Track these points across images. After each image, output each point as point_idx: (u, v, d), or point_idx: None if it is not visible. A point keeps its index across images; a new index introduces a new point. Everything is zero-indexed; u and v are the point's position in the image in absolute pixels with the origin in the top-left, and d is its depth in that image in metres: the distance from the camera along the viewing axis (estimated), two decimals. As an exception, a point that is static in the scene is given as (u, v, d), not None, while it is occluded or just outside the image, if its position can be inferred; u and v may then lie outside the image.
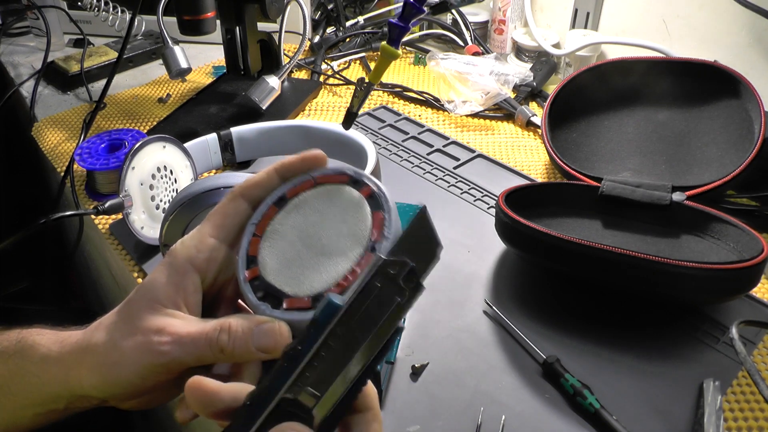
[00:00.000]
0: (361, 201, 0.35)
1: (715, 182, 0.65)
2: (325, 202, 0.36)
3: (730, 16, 0.85)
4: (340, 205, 0.36)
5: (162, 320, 0.33)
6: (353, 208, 0.36)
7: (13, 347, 0.37)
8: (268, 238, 0.36)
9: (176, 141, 0.66)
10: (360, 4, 1.20)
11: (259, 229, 0.37)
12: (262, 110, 0.85)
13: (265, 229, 0.37)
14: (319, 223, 0.36)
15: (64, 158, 0.82)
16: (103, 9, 0.97)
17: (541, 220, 0.63)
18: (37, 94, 0.98)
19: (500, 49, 1.09)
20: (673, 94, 0.74)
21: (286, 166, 0.38)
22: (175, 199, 0.55)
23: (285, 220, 0.37)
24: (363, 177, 0.36)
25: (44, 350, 0.36)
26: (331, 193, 0.37)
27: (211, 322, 0.33)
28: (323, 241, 0.35)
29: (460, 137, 0.86)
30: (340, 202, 0.36)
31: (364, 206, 0.35)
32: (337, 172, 0.37)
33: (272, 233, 0.36)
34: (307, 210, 0.37)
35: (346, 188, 0.36)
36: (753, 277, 0.52)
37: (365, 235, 0.34)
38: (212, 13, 0.79)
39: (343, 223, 0.35)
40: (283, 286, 0.34)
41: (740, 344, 0.45)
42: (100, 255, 0.79)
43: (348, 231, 0.35)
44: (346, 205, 0.36)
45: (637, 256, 0.51)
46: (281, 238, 0.36)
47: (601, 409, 0.47)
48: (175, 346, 0.33)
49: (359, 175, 0.37)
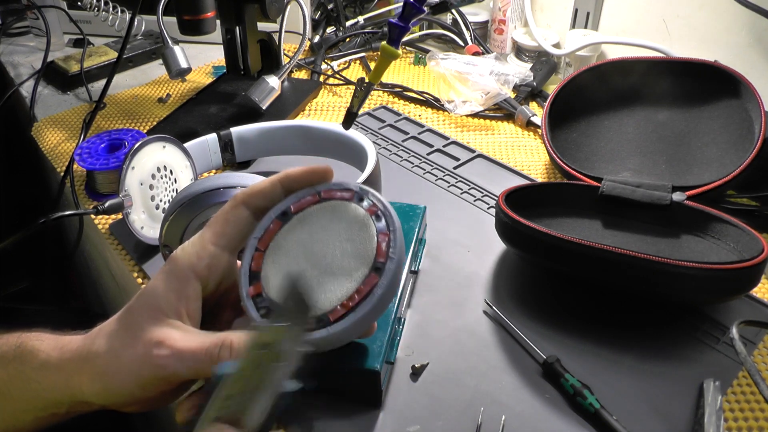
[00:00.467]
0: (367, 219, 0.35)
1: (715, 182, 0.65)
2: (330, 219, 0.36)
3: (730, 16, 0.85)
4: (346, 223, 0.35)
5: (162, 332, 0.33)
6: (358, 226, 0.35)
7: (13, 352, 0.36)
8: (271, 254, 0.36)
9: (176, 141, 0.66)
10: (360, 4, 1.20)
11: (263, 243, 0.36)
12: (262, 110, 0.85)
13: (268, 244, 0.36)
14: (324, 241, 0.35)
15: (64, 158, 0.82)
16: (103, 9, 0.97)
17: (541, 220, 0.63)
18: (37, 94, 0.98)
19: (500, 49, 1.09)
20: (673, 94, 0.74)
21: (291, 178, 0.38)
22: (175, 199, 0.55)
23: (289, 235, 0.36)
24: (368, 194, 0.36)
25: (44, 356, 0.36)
26: (336, 210, 0.36)
27: (212, 337, 0.33)
28: (327, 260, 0.35)
29: (460, 137, 0.86)
30: (346, 220, 0.36)
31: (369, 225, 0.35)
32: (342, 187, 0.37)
33: (276, 249, 0.36)
34: (312, 226, 0.36)
35: (351, 205, 0.36)
36: (753, 277, 0.52)
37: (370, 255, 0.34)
38: (212, 13, 0.79)
39: (348, 242, 0.35)
40: None
41: (740, 344, 0.45)
42: (100, 255, 0.79)
43: (353, 250, 0.35)
44: (351, 222, 0.35)
45: (637, 256, 0.51)
46: (285, 254, 0.36)
47: (601, 409, 0.47)
48: (175, 360, 0.33)
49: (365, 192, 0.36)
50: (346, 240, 0.35)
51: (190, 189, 0.55)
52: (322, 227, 0.36)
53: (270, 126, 0.75)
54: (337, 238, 0.35)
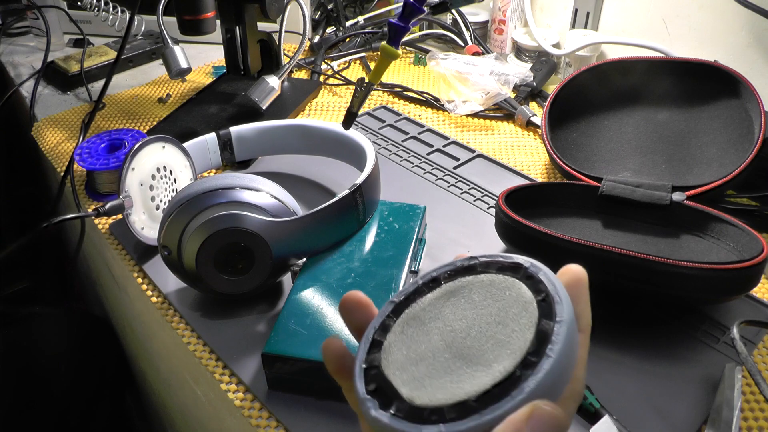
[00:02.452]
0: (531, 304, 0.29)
1: (715, 182, 0.65)
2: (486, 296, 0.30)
3: (730, 16, 0.85)
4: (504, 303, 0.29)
5: None
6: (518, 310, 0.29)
7: None
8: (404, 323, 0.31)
9: (176, 141, 0.66)
10: (360, 4, 1.20)
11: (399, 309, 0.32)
12: (262, 110, 0.85)
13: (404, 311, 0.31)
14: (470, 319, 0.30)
15: (64, 158, 0.82)
16: (103, 9, 0.97)
17: (541, 220, 0.63)
18: (37, 94, 0.98)
19: (500, 49, 1.09)
20: (673, 94, 0.74)
21: None
22: (173, 200, 0.55)
23: (432, 306, 0.31)
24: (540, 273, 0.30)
25: None
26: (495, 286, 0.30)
27: None
28: (468, 342, 0.29)
29: (460, 137, 0.86)
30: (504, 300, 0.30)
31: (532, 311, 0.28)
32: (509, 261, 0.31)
33: (412, 318, 0.31)
34: (462, 300, 0.31)
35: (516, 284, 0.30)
36: (753, 277, 0.52)
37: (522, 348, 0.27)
38: (212, 13, 0.79)
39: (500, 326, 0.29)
40: (401, 385, 0.28)
41: (741, 344, 0.45)
42: (100, 255, 0.79)
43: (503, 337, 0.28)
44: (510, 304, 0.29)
45: (637, 256, 0.51)
46: (420, 326, 0.31)
47: (601, 409, 0.47)
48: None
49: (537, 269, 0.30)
50: (498, 323, 0.29)
51: (189, 190, 0.55)
52: (474, 304, 0.30)
53: (269, 125, 0.75)
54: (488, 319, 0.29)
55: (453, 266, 0.32)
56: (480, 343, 0.28)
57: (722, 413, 0.45)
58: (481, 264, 0.31)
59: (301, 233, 0.55)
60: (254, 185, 0.56)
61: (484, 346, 0.28)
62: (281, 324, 0.50)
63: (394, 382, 0.28)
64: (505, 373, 0.26)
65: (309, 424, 0.47)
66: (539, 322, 0.27)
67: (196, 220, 0.53)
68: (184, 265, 0.54)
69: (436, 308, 0.31)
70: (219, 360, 0.53)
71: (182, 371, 0.64)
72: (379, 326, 0.31)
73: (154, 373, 0.86)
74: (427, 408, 0.27)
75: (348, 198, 0.57)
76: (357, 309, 0.33)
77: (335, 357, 0.32)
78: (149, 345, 0.78)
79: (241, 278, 0.54)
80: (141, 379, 1.00)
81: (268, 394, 0.50)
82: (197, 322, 0.56)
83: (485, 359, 0.27)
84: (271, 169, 0.79)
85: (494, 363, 0.27)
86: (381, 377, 0.29)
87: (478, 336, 0.29)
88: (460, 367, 0.28)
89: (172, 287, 0.60)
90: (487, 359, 0.27)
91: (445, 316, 0.30)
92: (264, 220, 0.53)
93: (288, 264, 0.56)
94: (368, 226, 0.60)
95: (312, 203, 0.58)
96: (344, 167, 0.72)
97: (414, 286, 0.32)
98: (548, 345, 0.26)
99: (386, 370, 0.29)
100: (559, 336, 0.26)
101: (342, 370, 0.32)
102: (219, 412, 0.56)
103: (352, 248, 0.58)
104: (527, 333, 0.27)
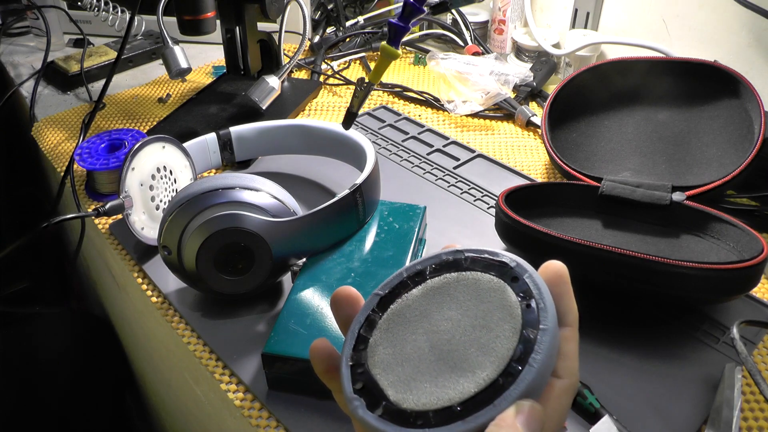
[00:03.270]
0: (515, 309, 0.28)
1: (715, 182, 0.65)
2: (472, 296, 0.30)
3: (730, 15, 0.85)
4: (488, 306, 0.29)
5: None
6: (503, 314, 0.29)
7: None
8: (390, 320, 0.31)
9: (175, 141, 0.66)
10: (360, 4, 1.20)
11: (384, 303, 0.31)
12: (262, 110, 0.85)
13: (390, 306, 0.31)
14: (456, 321, 0.29)
15: (64, 158, 0.82)
16: (103, 9, 0.97)
17: (541, 220, 0.63)
18: (37, 94, 0.98)
19: (500, 49, 1.09)
20: (673, 94, 0.74)
21: None
22: (173, 200, 0.55)
23: (417, 303, 0.31)
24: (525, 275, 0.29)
25: None
26: (481, 287, 0.30)
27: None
28: (452, 346, 0.29)
29: (460, 137, 0.86)
30: (489, 302, 0.29)
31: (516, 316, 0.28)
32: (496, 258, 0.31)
33: (397, 315, 0.31)
34: (447, 299, 0.30)
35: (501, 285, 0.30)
36: (753, 277, 0.52)
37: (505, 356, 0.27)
38: (212, 13, 0.79)
39: (484, 330, 0.28)
40: (387, 386, 0.28)
41: (741, 344, 0.45)
42: (100, 255, 0.79)
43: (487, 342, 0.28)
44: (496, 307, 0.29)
45: (637, 256, 0.51)
46: (405, 325, 0.30)
47: (601, 409, 0.47)
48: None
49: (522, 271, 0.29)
50: (482, 327, 0.29)
51: (188, 190, 0.55)
52: (460, 304, 0.30)
53: (269, 125, 0.75)
54: (472, 321, 0.29)
55: (438, 259, 0.32)
56: (464, 347, 0.28)
57: (722, 413, 0.46)
58: (466, 260, 0.31)
59: (301, 233, 0.55)
60: (254, 185, 0.56)
61: (468, 351, 0.28)
62: (281, 324, 0.50)
63: (380, 383, 0.29)
64: (489, 381, 0.27)
65: (309, 424, 0.47)
66: (523, 330, 0.28)
67: (196, 220, 0.53)
68: (184, 265, 0.54)
69: (421, 306, 0.31)
70: (219, 360, 0.53)
71: (182, 371, 0.64)
72: (364, 321, 0.31)
73: (154, 373, 0.86)
74: (413, 412, 0.27)
75: (348, 198, 0.57)
76: (347, 304, 0.33)
77: (322, 358, 0.32)
78: (149, 345, 0.78)
79: (241, 278, 0.54)
80: (141, 379, 1.00)
81: (268, 394, 0.50)
82: (197, 322, 0.56)
83: (469, 364, 0.28)
84: (271, 169, 0.79)
85: (478, 369, 0.27)
86: (367, 376, 0.29)
87: (462, 339, 0.29)
88: (445, 371, 0.28)
89: (172, 287, 0.60)
90: (471, 365, 0.28)
91: (430, 315, 0.30)
92: (264, 220, 0.53)
93: (288, 264, 0.56)
94: (368, 226, 0.60)
95: (312, 203, 0.58)
96: (344, 167, 0.72)
97: (399, 279, 0.32)
98: (531, 354, 0.27)
99: (373, 370, 0.29)
100: (542, 345, 0.27)
101: (330, 370, 0.32)
102: (219, 412, 0.56)
103: (352, 248, 0.58)
104: (511, 340, 0.28)
